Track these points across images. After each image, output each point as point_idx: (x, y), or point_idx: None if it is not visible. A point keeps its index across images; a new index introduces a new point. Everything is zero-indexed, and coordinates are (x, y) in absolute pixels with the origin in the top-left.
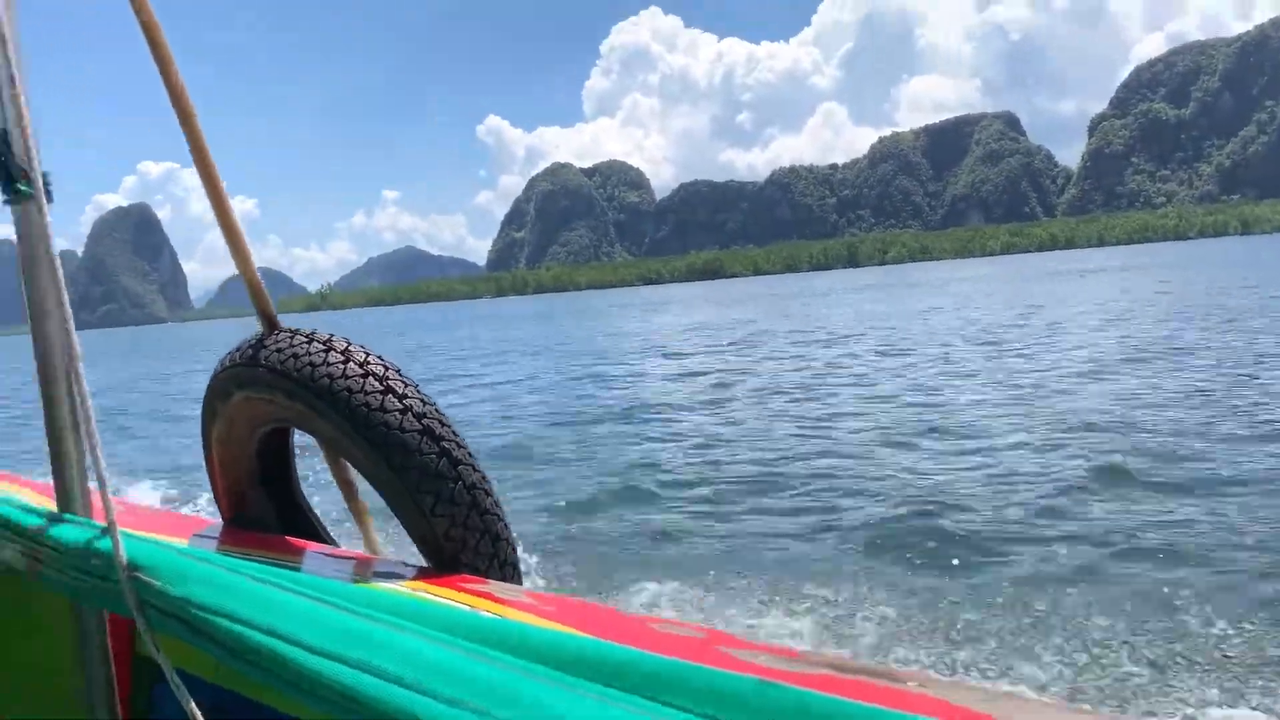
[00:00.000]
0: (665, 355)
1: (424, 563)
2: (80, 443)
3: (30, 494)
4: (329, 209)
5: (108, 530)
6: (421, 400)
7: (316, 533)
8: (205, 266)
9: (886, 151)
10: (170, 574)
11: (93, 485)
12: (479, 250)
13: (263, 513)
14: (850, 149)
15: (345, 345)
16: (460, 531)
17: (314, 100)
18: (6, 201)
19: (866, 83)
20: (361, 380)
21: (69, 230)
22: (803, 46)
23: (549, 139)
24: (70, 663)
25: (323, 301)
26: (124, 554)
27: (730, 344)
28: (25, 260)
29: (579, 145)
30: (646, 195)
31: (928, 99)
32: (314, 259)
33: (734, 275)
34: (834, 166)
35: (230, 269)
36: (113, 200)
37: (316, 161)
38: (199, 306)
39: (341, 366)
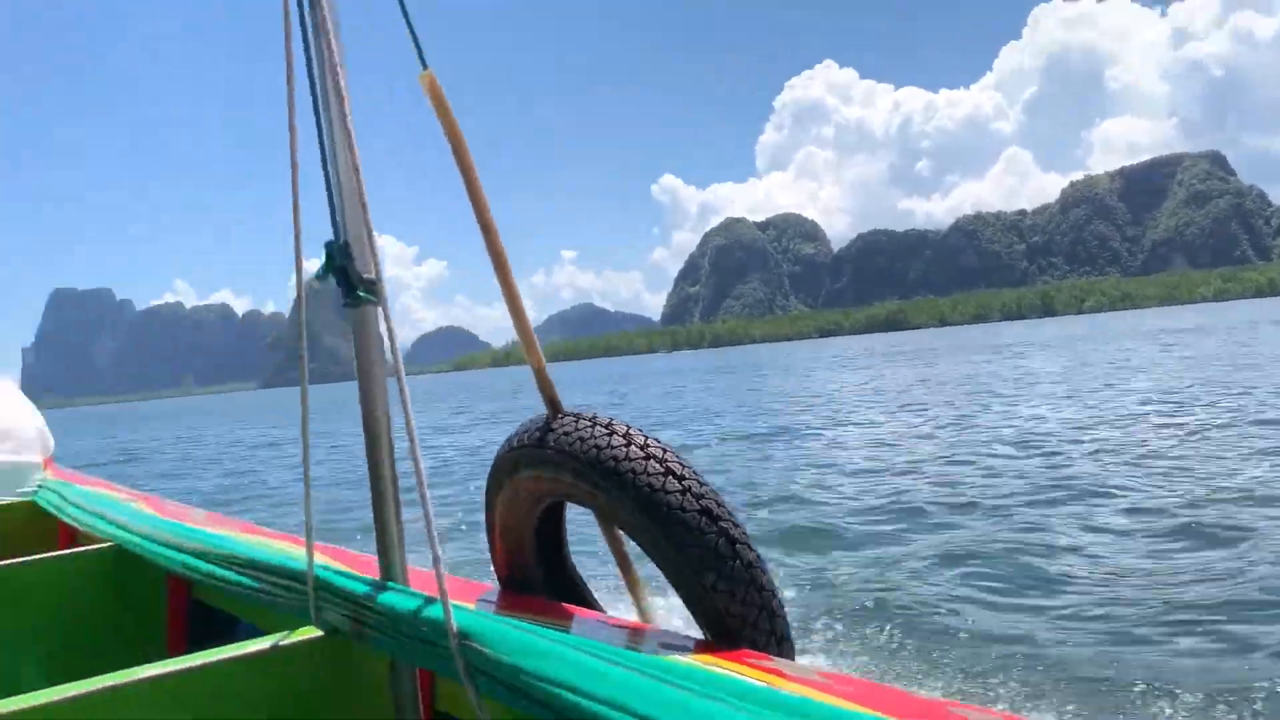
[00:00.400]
0: (1072, 399)
1: (698, 634)
2: (401, 520)
3: (324, 557)
4: (512, 268)
5: (433, 599)
6: (698, 482)
7: (585, 599)
8: (398, 326)
9: (1079, 196)
10: (497, 642)
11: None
12: (653, 305)
13: (537, 579)
14: (1037, 194)
15: (625, 429)
16: (740, 608)
17: (496, 165)
18: (347, 304)
19: (1053, 126)
20: (643, 462)
21: (278, 293)
22: (984, 92)
23: (722, 195)
24: (385, 716)
25: (507, 358)
26: (455, 623)
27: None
28: (361, 353)
29: (752, 200)
30: (822, 246)
31: (1121, 141)
32: (498, 317)
33: (918, 326)
34: (1022, 212)
35: (419, 330)
36: (314, 265)
37: (500, 223)
38: (392, 363)
39: (624, 449)
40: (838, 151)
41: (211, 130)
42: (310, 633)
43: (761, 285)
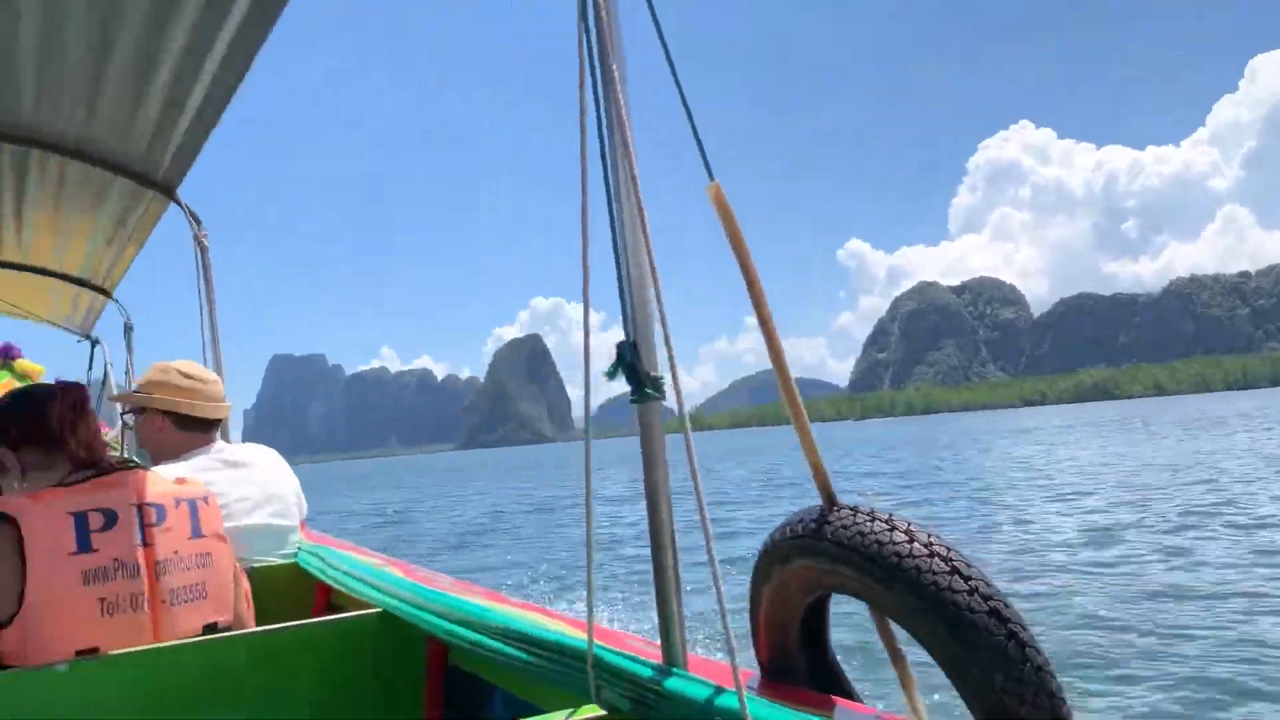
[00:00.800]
0: None
1: None
2: (683, 606)
3: (565, 627)
4: (694, 335)
5: (723, 688)
6: (985, 582)
7: (847, 691)
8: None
9: None
10: None
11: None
12: (839, 372)
13: (800, 668)
14: (1259, 254)
15: (906, 525)
16: (1030, 710)
17: (678, 235)
18: (634, 400)
19: (1275, 182)
20: (928, 560)
21: (474, 359)
22: (1196, 148)
23: (912, 259)
24: None
25: (692, 424)
26: (749, 714)
27: None
28: (646, 444)
29: (944, 263)
30: (1022, 311)
31: None
32: (682, 382)
33: (1131, 396)
34: (1245, 274)
35: (605, 394)
36: (509, 332)
37: (682, 291)
38: (579, 427)
39: (907, 545)
40: (1035, 213)
41: (423, 213)
42: (592, 711)
43: (956, 351)
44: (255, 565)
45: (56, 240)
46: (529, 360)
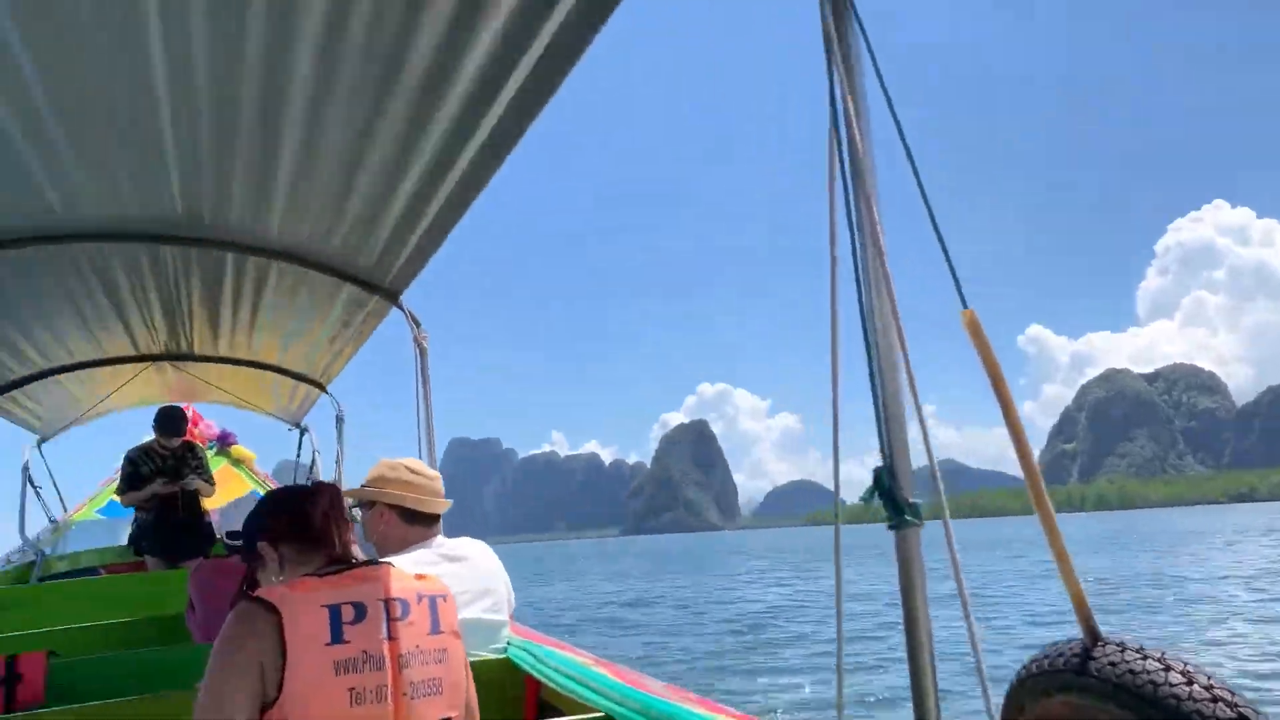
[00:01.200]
0: None
1: None
2: (939, 703)
3: None
4: (868, 422)
5: None
6: None
7: None
8: (751, 479)
9: None
10: None
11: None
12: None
13: None
14: None
15: (1183, 665)
16: None
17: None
18: (891, 526)
19: None
20: (1210, 705)
21: (641, 445)
22: None
23: (1097, 345)
24: None
25: (866, 512)
26: None
27: None
28: (904, 568)
29: (1132, 349)
30: (1223, 400)
31: None
32: (849, 471)
33: None
34: None
35: (773, 482)
36: (675, 418)
37: (845, 380)
38: (745, 515)
39: (1186, 688)
40: (1232, 296)
41: (594, 303)
42: None
43: (1150, 442)
44: (469, 660)
45: (283, 339)
46: (695, 446)
